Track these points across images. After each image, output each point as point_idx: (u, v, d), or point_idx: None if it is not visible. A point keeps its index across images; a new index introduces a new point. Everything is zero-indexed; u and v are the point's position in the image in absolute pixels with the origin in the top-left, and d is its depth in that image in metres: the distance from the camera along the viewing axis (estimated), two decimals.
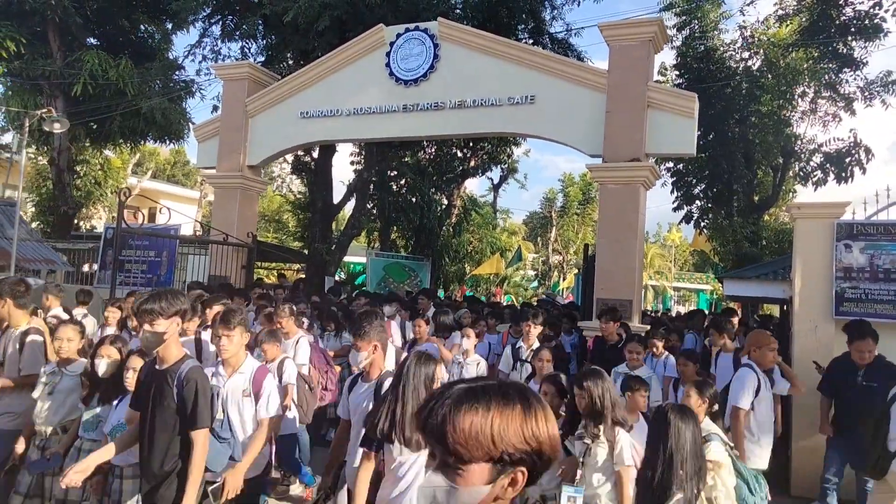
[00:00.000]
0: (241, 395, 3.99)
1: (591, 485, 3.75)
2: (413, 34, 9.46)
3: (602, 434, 3.73)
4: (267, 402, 3.99)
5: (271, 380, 4.11)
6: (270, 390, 4.02)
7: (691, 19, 14.20)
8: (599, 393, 3.78)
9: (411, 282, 17.64)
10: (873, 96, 13.12)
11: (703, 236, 16.23)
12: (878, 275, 6.81)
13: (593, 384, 3.82)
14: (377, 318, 4.06)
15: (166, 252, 10.97)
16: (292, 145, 10.85)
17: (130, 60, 13.49)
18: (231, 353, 3.97)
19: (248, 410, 4.00)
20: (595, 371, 3.96)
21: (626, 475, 3.70)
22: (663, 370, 6.71)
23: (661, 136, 8.02)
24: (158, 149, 32.49)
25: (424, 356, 3.40)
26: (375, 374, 3.84)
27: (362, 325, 3.84)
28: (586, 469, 3.77)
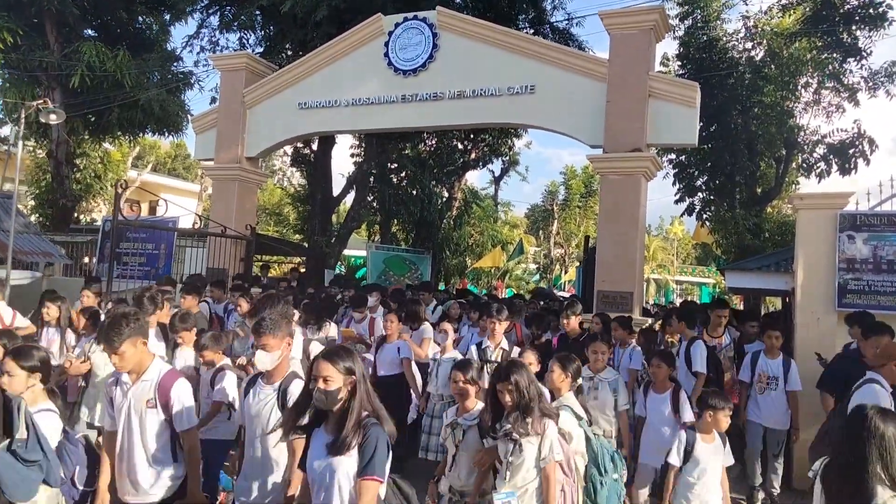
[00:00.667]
0: (145, 405, 3.42)
1: (518, 484, 3.56)
2: (412, 24, 9.36)
3: (530, 427, 3.53)
4: (182, 412, 3.43)
5: (182, 387, 3.50)
6: (180, 399, 3.45)
7: (694, 9, 14.04)
8: (526, 384, 3.60)
9: (412, 275, 17.57)
10: (877, 86, 12.98)
11: (706, 228, 16.12)
12: (881, 266, 6.73)
13: (520, 376, 3.63)
14: (282, 305, 3.82)
15: (164, 245, 10.94)
16: (291, 136, 10.77)
17: (128, 52, 13.41)
18: (127, 368, 3.42)
19: (152, 423, 3.42)
20: (518, 363, 3.82)
21: (553, 471, 3.53)
22: (628, 362, 6.38)
23: (663, 126, 7.93)
24: (159, 142, 32.47)
25: None
26: (279, 376, 3.42)
27: (266, 317, 3.46)
28: (513, 469, 3.55)
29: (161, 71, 14.46)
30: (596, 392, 5.22)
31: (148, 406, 3.41)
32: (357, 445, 2.68)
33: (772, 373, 6.16)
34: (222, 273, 9.76)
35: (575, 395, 4.39)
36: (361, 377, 2.80)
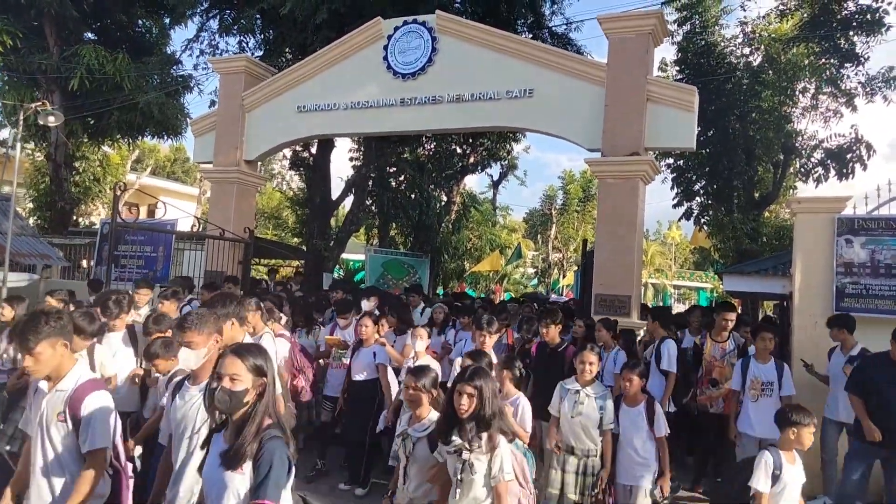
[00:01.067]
0: (56, 417, 3.01)
1: (469, 502, 3.30)
2: (411, 27, 9.38)
3: (484, 444, 3.23)
4: (88, 430, 2.97)
5: (95, 400, 3.04)
6: (92, 414, 2.99)
7: (692, 14, 14.12)
8: (489, 394, 3.28)
9: (410, 279, 17.57)
10: (874, 92, 13.04)
11: (703, 233, 16.17)
12: (879, 270, 6.74)
13: (485, 383, 3.30)
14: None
15: (163, 247, 10.93)
16: (289, 139, 10.77)
17: (128, 55, 13.43)
18: (42, 373, 3.04)
19: (61, 440, 3.00)
20: (482, 370, 3.48)
21: (505, 490, 3.27)
22: (613, 366, 6.32)
23: (661, 130, 7.93)
24: (158, 145, 32.50)
25: None
26: (206, 376, 3.01)
27: (192, 312, 3.19)
28: (464, 486, 3.27)
29: (160, 74, 14.49)
30: (581, 407, 4.80)
31: (58, 419, 3.00)
32: (252, 460, 2.33)
33: (765, 378, 5.95)
34: (219, 276, 9.75)
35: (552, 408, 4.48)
36: (272, 381, 2.48)
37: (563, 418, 4.85)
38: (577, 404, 4.80)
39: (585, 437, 4.79)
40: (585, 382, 4.84)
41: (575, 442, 4.82)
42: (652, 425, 4.77)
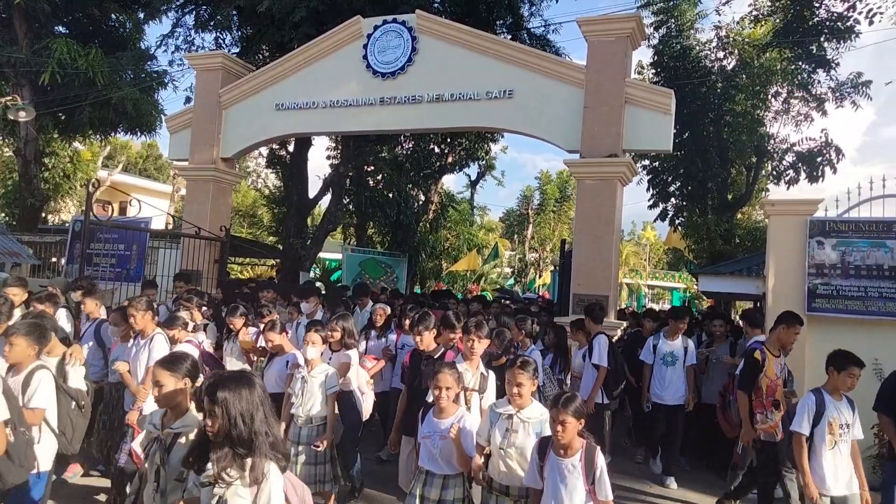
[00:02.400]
0: None
1: None
2: (391, 26, 9.36)
3: (247, 473, 2.47)
4: None
5: None
6: None
7: (668, 18, 14.30)
8: (243, 409, 2.49)
9: (387, 278, 17.54)
10: (844, 97, 13.33)
11: (678, 234, 16.39)
12: (849, 271, 6.91)
13: (235, 395, 2.50)
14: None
15: (136, 245, 10.74)
16: (267, 137, 10.67)
17: (101, 50, 13.14)
18: None
19: None
20: (236, 377, 2.63)
21: None
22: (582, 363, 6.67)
23: (639, 132, 8.03)
24: (130, 142, 31.92)
25: None
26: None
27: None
28: None
29: (134, 70, 14.22)
30: (514, 437, 3.75)
31: None
32: None
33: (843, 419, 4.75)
34: (194, 275, 9.64)
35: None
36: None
37: (493, 449, 3.83)
38: (509, 432, 3.76)
39: (523, 473, 3.70)
40: (519, 405, 3.81)
41: (509, 480, 3.77)
42: (593, 484, 3.41)
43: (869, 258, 6.85)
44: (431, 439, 3.93)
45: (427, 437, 3.97)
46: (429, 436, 3.96)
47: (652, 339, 7.03)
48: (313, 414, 5.05)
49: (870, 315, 6.81)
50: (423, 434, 4.00)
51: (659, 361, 6.81)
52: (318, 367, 5.12)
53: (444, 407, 3.93)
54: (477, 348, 4.63)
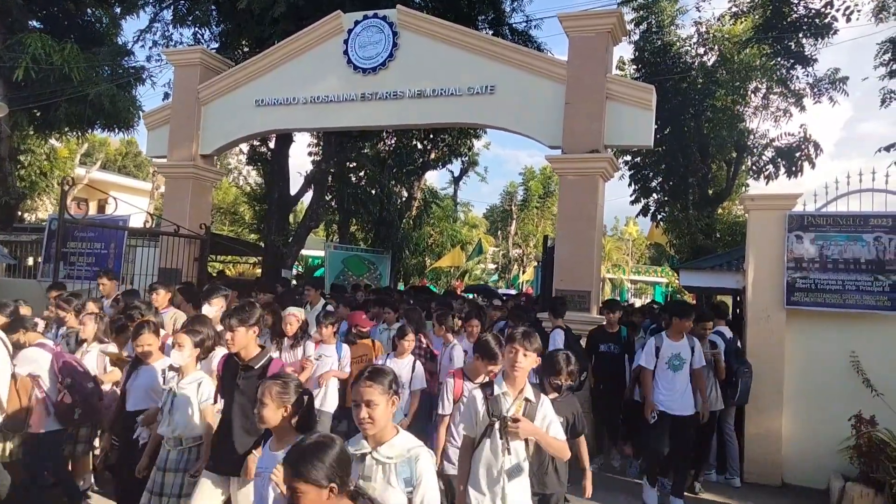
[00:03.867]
0: None
1: None
2: (371, 21, 9.28)
3: None
4: None
5: None
6: None
7: (648, 14, 14.37)
8: None
9: (371, 275, 17.48)
10: (821, 93, 13.49)
11: (660, 229, 16.51)
12: (826, 265, 6.98)
13: None
14: None
15: (114, 244, 10.57)
16: (247, 134, 10.55)
17: (76, 45, 12.91)
18: None
19: None
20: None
21: None
22: (449, 362, 6.11)
23: (620, 128, 8.04)
24: (108, 139, 31.48)
25: None
26: None
27: None
28: None
29: (111, 65, 13.99)
30: (370, 485, 2.59)
31: None
32: None
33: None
34: (174, 274, 9.52)
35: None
36: None
37: None
38: (360, 479, 2.59)
39: None
40: (376, 439, 2.66)
41: None
42: None
43: (846, 252, 6.92)
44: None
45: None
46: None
47: (654, 339, 6.15)
48: (184, 434, 4.12)
49: (847, 308, 6.89)
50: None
51: (664, 366, 5.99)
52: (189, 375, 4.27)
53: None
54: (522, 364, 3.49)
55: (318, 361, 6.02)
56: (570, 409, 4.10)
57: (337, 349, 6.15)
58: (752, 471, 7.01)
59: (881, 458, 6.08)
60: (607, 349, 7.13)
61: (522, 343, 3.47)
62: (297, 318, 6.10)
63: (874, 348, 6.81)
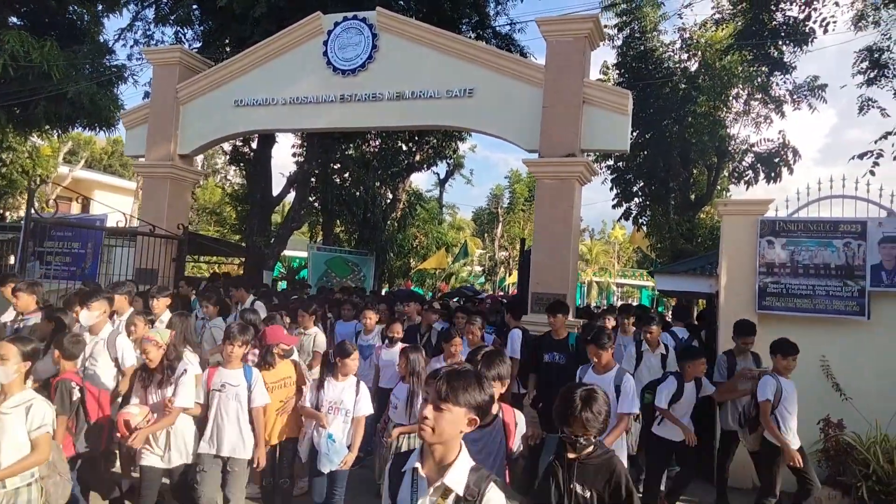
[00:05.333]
0: None
1: None
2: (351, 23, 9.28)
3: None
4: None
5: None
6: None
7: (631, 20, 14.45)
8: None
9: (355, 276, 17.44)
10: (801, 100, 13.62)
11: (641, 233, 16.59)
12: (797, 270, 7.06)
13: None
14: None
15: (91, 244, 10.50)
16: (226, 134, 10.51)
17: (57, 43, 12.80)
18: None
19: None
20: None
21: None
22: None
23: (596, 132, 8.07)
24: (94, 137, 31.22)
25: None
26: None
27: None
28: None
29: (92, 64, 13.88)
30: None
31: None
32: None
33: None
34: (151, 274, 9.46)
35: None
36: None
37: None
38: None
39: None
40: None
41: None
42: None
43: (817, 257, 7.00)
44: None
45: None
46: None
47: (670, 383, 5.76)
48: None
49: (817, 313, 6.96)
50: None
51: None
52: (13, 396, 3.51)
53: None
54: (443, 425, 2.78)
55: (220, 393, 4.66)
56: (603, 476, 2.85)
57: (245, 375, 4.73)
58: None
59: (848, 462, 6.17)
60: (552, 358, 6.36)
61: (600, 344, 3.10)
62: (156, 345, 4.59)
63: (843, 353, 6.89)
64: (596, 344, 4.79)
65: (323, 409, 4.83)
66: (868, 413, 6.46)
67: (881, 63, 11.70)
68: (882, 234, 6.82)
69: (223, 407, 4.61)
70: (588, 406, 2.80)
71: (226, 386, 4.66)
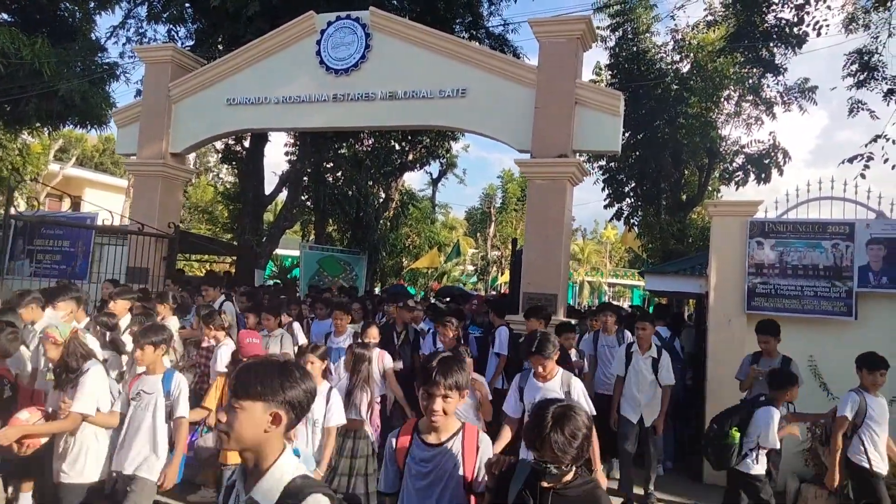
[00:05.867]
0: None
1: None
2: (344, 22, 9.28)
3: None
4: None
5: None
6: None
7: (624, 21, 14.52)
8: None
9: (347, 276, 17.42)
10: (791, 101, 13.72)
11: (632, 233, 16.67)
12: (786, 271, 7.11)
13: None
14: None
15: (81, 242, 10.46)
16: (218, 133, 10.50)
17: (49, 40, 12.73)
18: None
19: None
20: None
21: None
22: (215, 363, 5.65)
23: (588, 133, 8.12)
24: (86, 135, 31.08)
25: None
26: None
27: None
28: None
29: (84, 61, 13.81)
30: None
31: None
32: None
33: None
34: (142, 273, 9.43)
35: None
36: None
37: None
38: None
39: None
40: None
41: None
42: None
43: (805, 258, 7.06)
44: None
45: None
46: None
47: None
48: None
49: (805, 314, 7.02)
50: None
51: None
52: None
53: None
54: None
55: (134, 402, 4.14)
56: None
57: (164, 382, 4.16)
58: (712, 472, 7.10)
59: None
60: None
61: (231, 384, 1.96)
62: (54, 343, 4.06)
63: (831, 353, 6.93)
64: (541, 354, 4.32)
65: None
66: None
67: (871, 66, 11.79)
68: (870, 235, 6.89)
69: (134, 417, 4.07)
70: (559, 427, 2.31)
71: (141, 394, 4.12)
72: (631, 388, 6.18)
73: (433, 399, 2.63)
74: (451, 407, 2.67)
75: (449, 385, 2.62)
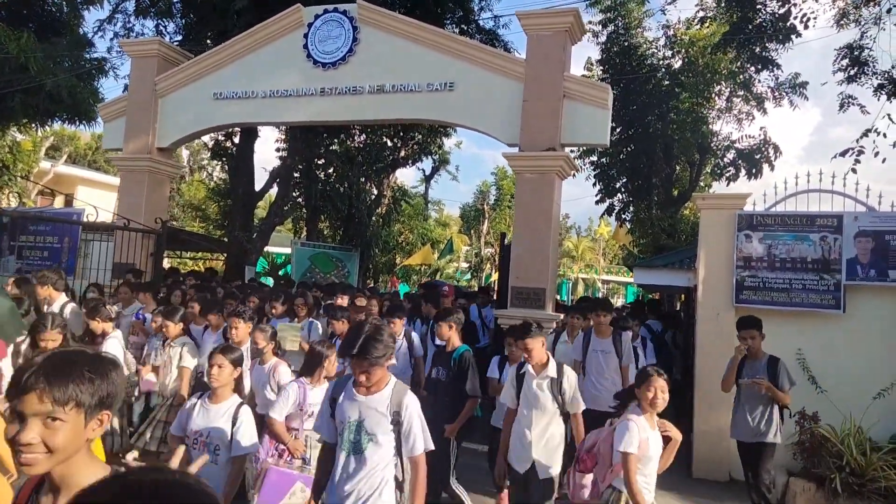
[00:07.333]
0: None
1: None
2: (332, 16, 9.21)
3: None
4: None
5: None
6: None
7: (616, 16, 14.48)
8: None
9: (339, 272, 17.35)
10: (782, 97, 13.70)
11: (624, 228, 16.65)
12: (774, 264, 7.09)
13: None
14: None
15: (68, 238, 10.37)
16: (205, 127, 10.40)
17: (35, 35, 12.61)
18: None
19: None
20: None
21: None
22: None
23: (577, 126, 8.06)
24: (78, 132, 30.92)
25: None
26: None
27: None
28: None
29: (71, 56, 13.69)
30: None
31: None
32: None
33: None
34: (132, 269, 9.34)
35: None
36: None
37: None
38: None
39: None
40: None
41: None
42: None
43: (793, 251, 7.03)
44: None
45: None
46: None
47: None
48: None
49: (794, 307, 7.00)
50: None
51: None
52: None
53: None
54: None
55: None
56: None
57: None
58: (701, 467, 7.09)
59: (822, 454, 6.22)
60: (436, 374, 5.45)
61: None
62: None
63: (819, 346, 6.94)
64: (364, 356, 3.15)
65: (188, 441, 3.59)
66: (843, 406, 6.52)
67: (861, 60, 11.78)
68: (858, 227, 6.87)
69: None
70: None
71: None
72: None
73: None
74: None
75: None
